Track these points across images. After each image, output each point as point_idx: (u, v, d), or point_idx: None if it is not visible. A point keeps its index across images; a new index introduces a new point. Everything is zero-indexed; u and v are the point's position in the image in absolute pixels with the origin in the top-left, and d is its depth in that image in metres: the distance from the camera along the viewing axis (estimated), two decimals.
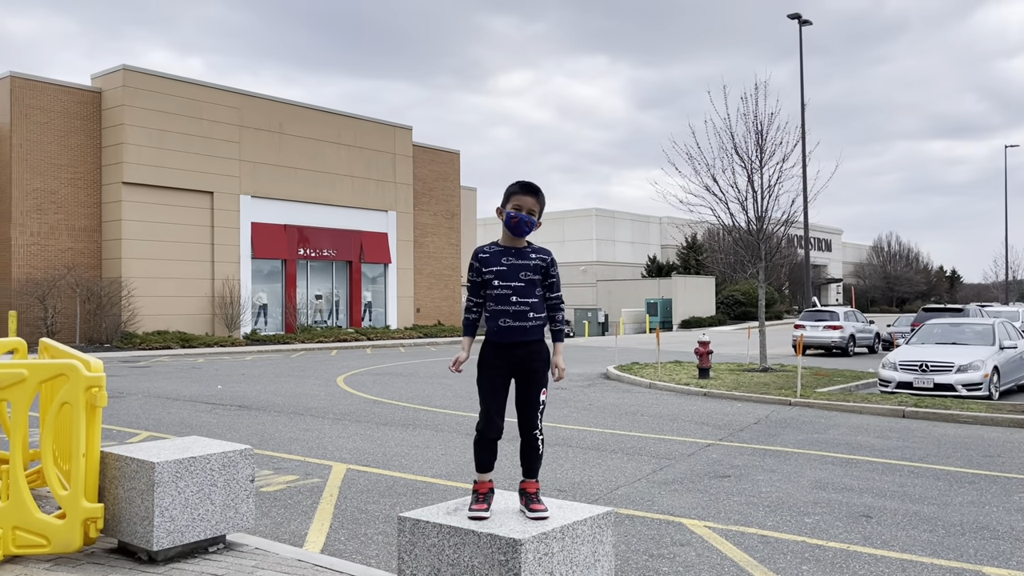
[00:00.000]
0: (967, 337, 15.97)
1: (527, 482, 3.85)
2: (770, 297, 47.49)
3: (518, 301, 3.84)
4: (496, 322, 3.86)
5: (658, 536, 6.03)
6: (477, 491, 3.82)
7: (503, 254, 3.91)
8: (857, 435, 10.72)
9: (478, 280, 3.94)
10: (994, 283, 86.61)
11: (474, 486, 3.85)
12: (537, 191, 3.92)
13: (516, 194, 3.91)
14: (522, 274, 3.87)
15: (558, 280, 4.00)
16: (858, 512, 6.74)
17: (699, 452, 9.42)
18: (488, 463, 3.87)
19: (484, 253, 3.94)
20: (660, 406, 13.56)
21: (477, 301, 3.96)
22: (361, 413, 12.37)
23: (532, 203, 3.87)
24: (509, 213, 3.88)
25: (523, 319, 3.85)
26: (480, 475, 3.86)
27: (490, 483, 3.85)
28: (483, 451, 3.88)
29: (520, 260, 3.90)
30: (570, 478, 7.98)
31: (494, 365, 3.87)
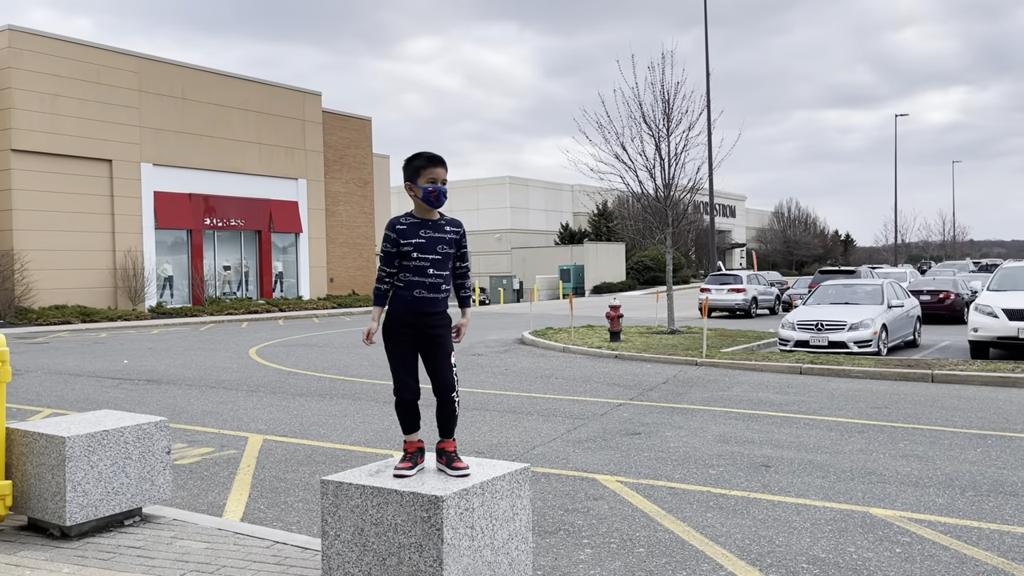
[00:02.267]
0: (859, 297, 16.90)
1: (445, 442, 3.97)
2: (677, 262, 48.82)
3: (434, 274, 3.95)
4: (410, 292, 3.94)
5: (573, 492, 6.27)
6: (406, 451, 3.95)
7: (420, 226, 3.95)
8: (758, 392, 11.28)
9: (394, 251, 3.97)
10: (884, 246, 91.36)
11: (404, 445, 3.98)
12: (443, 161, 3.98)
13: (428, 168, 3.91)
14: (439, 247, 3.96)
15: (467, 251, 4.14)
16: (758, 463, 7.16)
17: (611, 412, 9.75)
18: (412, 423, 3.99)
19: (401, 225, 3.95)
20: (574, 369, 13.90)
21: (390, 271, 3.99)
22: (276, 384, 12.25)
23: (444, 174, 3.95)
24: (427, 188, 3.90)
25: (436, 291, 3.98)
26: (408, 436, 3.98)
27: (419, 442, 3.97)
28: (404, 412, 4.00)
29: (437, 233, 3.96)
30: (488, 440, 8.16)
31: (401, 334, 3.97)
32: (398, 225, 3.96)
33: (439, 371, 3.99)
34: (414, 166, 3.94)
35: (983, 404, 10.10)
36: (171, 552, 4.58)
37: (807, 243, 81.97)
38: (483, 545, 3.66)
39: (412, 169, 3.94)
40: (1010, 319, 14.10)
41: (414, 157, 3.97)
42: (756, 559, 4.81)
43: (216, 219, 31.89)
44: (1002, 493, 6.13)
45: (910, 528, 5.34)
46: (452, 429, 4.00)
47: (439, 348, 4.00)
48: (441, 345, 4.00)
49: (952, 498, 6.03)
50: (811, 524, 5.45)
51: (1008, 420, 9.03)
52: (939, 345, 17.56)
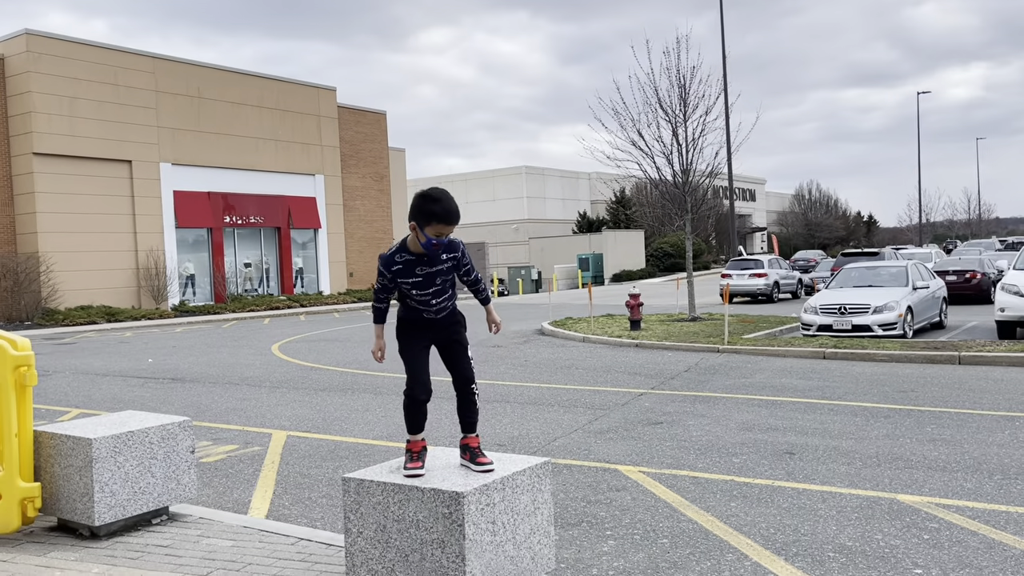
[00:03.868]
0: (882, 279, 16.70)
1: (469, 437, 3.96)
2: (697, 248, 48.55)
3: (438, 301, 3.97)
4: (419, 314, 3.98)
5: (595, 483, 6.26)
6: (411, 450, 3.90)
7: (415, 264, 3.84)
8: (781, 378, 11.20)
9: (391, 286, 3.94)
10: (908, 226, 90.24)
11: (408, 446, 3.94)
12: (458, 217, 3.76)
13: (440, 223, 3.70)
14: (438, 279, 3.90)
15: (471, 263, 4.03)
16: (782, 450, 7.11)
17: (632, 401, 9.72)
18: (420, 424, 3.96)
19: (397, 265, 3.84)
20: (594, 359, 13.87)
21: (388, 296, 4.01)
22: (298, 380, 12.33)
23: (452, 230, 3.78)
24: (431, 240, 3.72)
25: (443, 310, 4.02)
26: (414, 436, 3.95)
27: (423, 442, 3.95)
28: (414, 413, 3.95)
29: (434, 267, 3.86)
30: (508, 432, 8.17)
31: (414, 334, 3.97)
32: (393, 266, 3.85)
33: (459, 364, 3.99)
34: (426, 212, 3.68)
35: (1011, 385, 9.96)
36: (198, 550, 4.63)
37: (829, 225, 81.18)
38: (505, 540, 3.66)
39: (423, 214, 3.68)
40: None
41: (431, 202, 3.68)
42: (781, 548, 4.78)
43: (235, 217, 32.11)
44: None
45: (938, 514, 5.28)
46: (475, 423, 4.00)
47: (456, 343, 4.01)
48: (458, 340, 4.01)
49: (980, 482, 5.95)
50: (837, 512, 5.41)
51: None
52: (966, 326, 17.34)
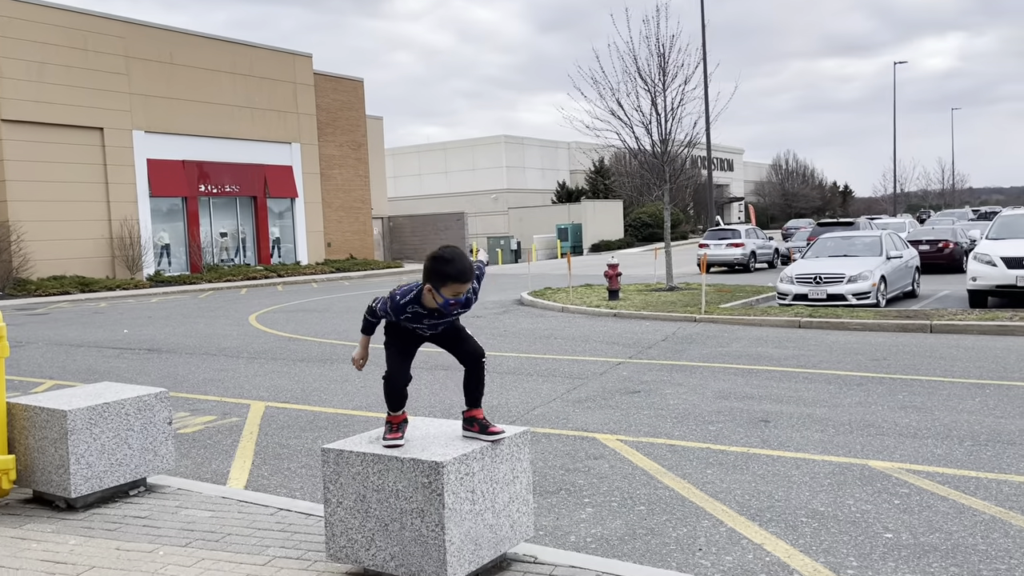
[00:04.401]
0: (857, 249, 16.87)
1: (476, 410, 3.88)
2: (675, 218, 48.69)
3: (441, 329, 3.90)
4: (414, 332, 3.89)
5: (573, 451, 6.32)
6: (391, 422, 3.89)
7: (425, 316, 3.75)
8: (757, 347, 11.32)
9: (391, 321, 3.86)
10: (883, 196, 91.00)
11: (388, 418, 3.92)
12: (472, 273, 3.66)
13: (454, 282, 3.59)
14: (441, 322, 3.84)
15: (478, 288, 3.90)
16: (757, 418, 7.21)
17: (610, 370, 9.79)
18: (401, 403, 3.91)
19: (405, 314, 3.75)
20: (573, 328, 13.93)
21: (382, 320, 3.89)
22: (277, 351, 12.28)
23: (468, 287, 3.66)
24: (448, 300, 3.63)
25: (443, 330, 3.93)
26: (393, 412, 3.92)
27: (404, 414, 3.93)
28: (396, 394, 3.90)
29: (444, 319, 3.81)
30: (488, 402, 8.19)
31: (406, 337, 3.88)
32: (402, 314, 3.75)
33: (463, 344, 3.91)
34: (443, 274, 3.58)
35: (981, 353, 10.14)
36: (176, 521, 4.62)
37: (805, 195, 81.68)
38: (484, 508, 3.69)
39: (439, 276, 3.59)
40: (1008, 267, 14.10)
41: (444, 263, 3.59)
42: (756, 514, 4.86)
43: (211, 185, 31.71)
44: (1000, 442, 6.17)
45: (908, 479, 5.39)
46: (481, 397, 3.93)
47: (452, 328, 3.91)
48: (453, 325, 3.91)
49: (950, 448, 6.08)
50: (810, 478, 5.50)
51: (1006, 369, 9.07)
52: (938, 295, 17.59)
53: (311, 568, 3.93)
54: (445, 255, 3.61)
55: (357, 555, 3.73)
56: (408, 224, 46.69)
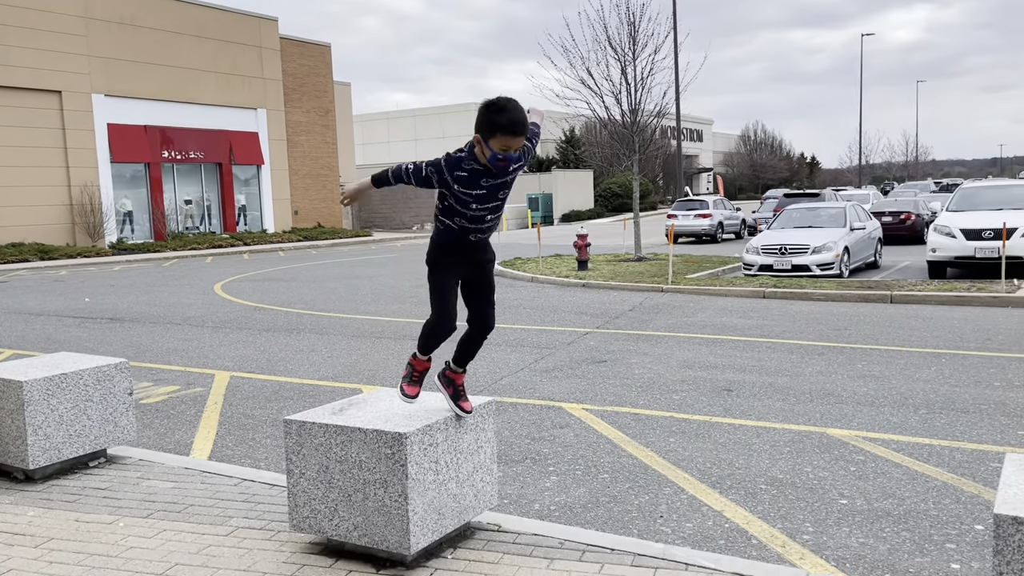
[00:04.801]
0: (822, 220, 17.06)
1: (459, 373, 3.78)
2: (645, 188, 48.81)
3: (491, 219, 3.62)
4: (464, 234, 3.59)
5: (539, 420, 6.37)
6: (414, 366, 3.73)
7: (482, 175, 3.44)
8: (722, 317, 11.44)
9: (438, 187, 3.51)
10: (849, 168, 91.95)
11: (411, 360, 3.74)
12: (525, 127, 3.38)
13: (507, 135, 3.32)
14: (500, 193, 3.55)
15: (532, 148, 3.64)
16: (720, 387, 7.31)
17: (578, 340, 9.85)
18: (432, 348, 3.73)
19: (461, 172, 3.43)
20: (541, 298, 13.97)
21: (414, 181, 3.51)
22: (242, 320, 12.17)
23: (521, 142, 3.39)
24: (496, 154, 3.35)
25: (489, 231, 3.67)
26: (421, 355, 3.75)
27: (429, 363, 3.75)
28: (432, 340, 3.71)
29: (499, 179, 3.49)
30: None
31: (451, 264, 3.64)
32: (457, 171, 3.42)
33: (485, 301, 3.74)
34: (492, 123, 3.32)
35: (939, 324, 10.35)
36: (137, 492, 4.59)
37: (773, 166, 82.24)
38: (448, 478, 3.71)
39: (489, 125, 3.33)
40: (967, 239, 14.35)
41: (496, 111, 3.33)
42: (716, 482, 4.95)
43: (174, 151, 31.10)
44: (954, 410, 6.33)
45: (864, 447, 5.51)
46: (469, 361, 3.83)
47: (487, 282, 3.74)
48: (488, 279, 3.74)
49: (906, 416, 6.22)
50: (770, 446, 5.60)
51: (962, 339, 9.28)
52: (899, 266, 17.88)
53: (274, 538, 3.94)
54: (498, 103, 3.34)
55: (320, 525, 3.74)
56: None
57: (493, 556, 3.71)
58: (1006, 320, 10.43)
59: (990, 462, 5.13)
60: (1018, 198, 15.56)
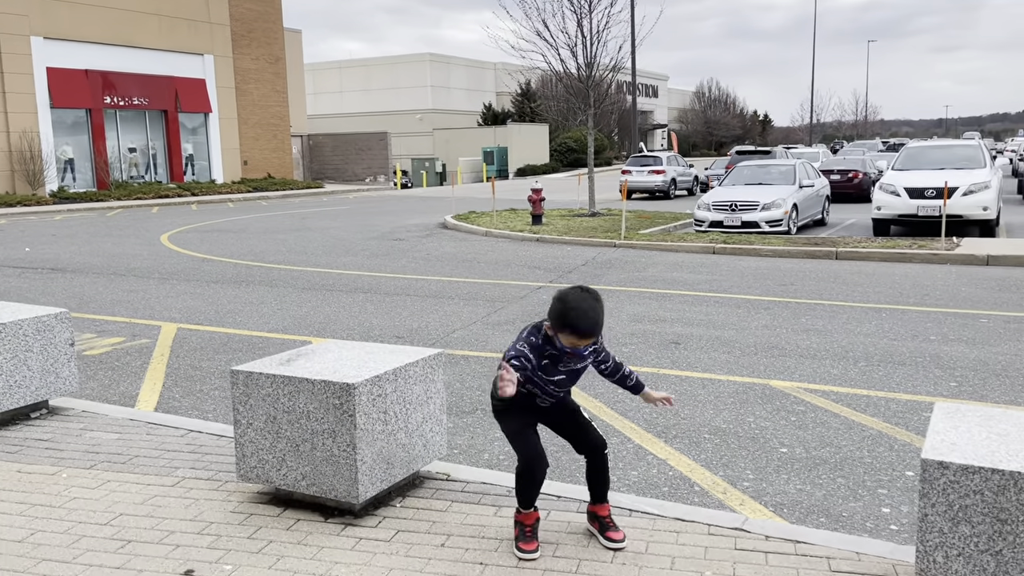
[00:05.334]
0: (772, 177, 17.28)
1: (602, 506, 3.49)
2: (600, 144, 48.79)
3: (562, 395, 3.47)
4: (532, 400, 3.40)
5: (491, 373, 6.41)
6: (523, 523, 3.39)
7: (559, 359, 3.28)
8: (672, 272, 11.59)
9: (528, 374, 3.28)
10: (800, 126, 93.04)
11: (518, 518, 3.40)
12: (599, 330, 3.20)
13: (573, 337, 3.16)
14: (578, 376, 3.43)
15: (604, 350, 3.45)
16: (669, 340, 7.43)
17: (531, 294, 9.89)
18: (534, 496, 3.41)
19: (544, 359, 3.25)
20: (495, 253, 13.97)
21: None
22: (190, 271, 11.95)
23: (588, 343, 3.22)
24: (564, 348, 3.22)
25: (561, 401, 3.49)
26: (524, 509, 3.41)
27: (536, 513, 3.43)
28: (534, 486, 3.39)
29: (580, 364, 3.35)
30: (408, 325, 8.21)
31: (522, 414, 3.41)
32: (541, 359, 3.25)
33: (583, 431, 3.46)
34: (563, 322, 3.15)
35: (881, 280, 10.63)
36: (81, 443, 4.53)
37: (727, 123, 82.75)
38: (397, 429, 3.73)
39: (560, 323, 3.16)
40: (911, 197, 14.69)
41: (567, 310, 3.13)
42: (662, 431, 5.06)
43: (117, 97, 30.07)
44: (891, 363, 6.54)
45: (805, 398, 5.67)
46: (607, 491, 3.50)
47: (572, 410, 3.51)
48: (572, 407, 3.52)
49: (846, 369, 6.41)
50: (715, 397, 5.74)
51: (902, 294, 9.55)
52: (846, 223, 18.24)
53: (222, 488, 3.93)
54: (570, 299, 3.14)
55: (268, 475, 3.74)
56: (329, 143, 45.46)
57: (442, 504, 3.76)
58: (944, 277, 10.75)
59: (923, 412, 5.33)
60: (960, 158, 15.94)
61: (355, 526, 3.55)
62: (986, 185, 14.42)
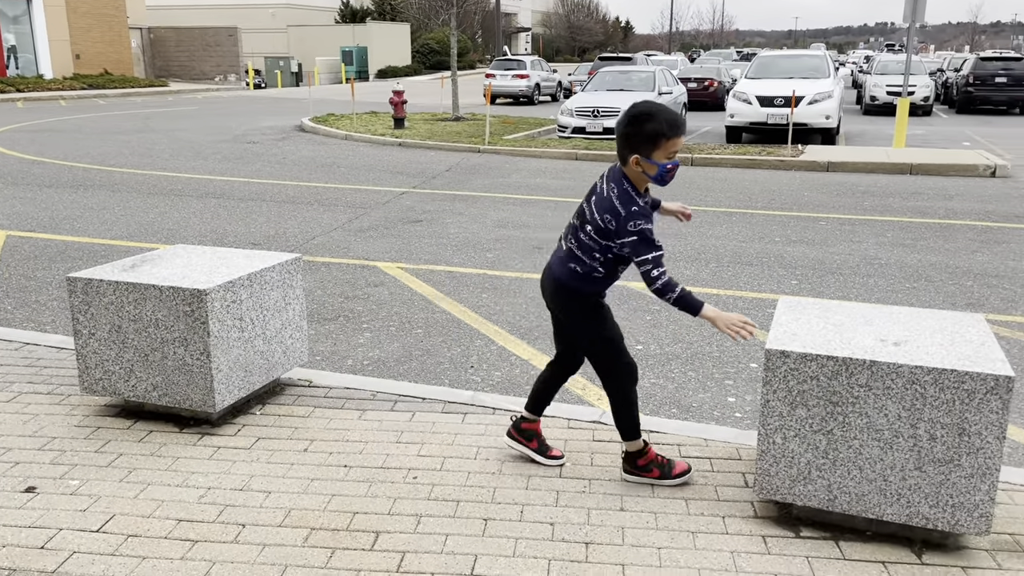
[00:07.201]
0: (633, 84, 17.50)
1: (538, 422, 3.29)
2: (463, 46, 47.71)
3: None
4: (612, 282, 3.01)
5: (353, 279, 6.29)
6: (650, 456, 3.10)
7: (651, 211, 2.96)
8: (536, 177, 11.65)
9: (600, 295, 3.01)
10: (660, 34, 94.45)
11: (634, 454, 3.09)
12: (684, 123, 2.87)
13: (672, 137, 2.78)
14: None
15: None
16: (532, 245, 7.52)
17: (394, 200, 9.70)
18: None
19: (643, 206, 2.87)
20: (356, 157, 13.55)
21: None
22: (19, 174, 10.93)
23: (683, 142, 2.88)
24: (664, 165, 2.81)
25: None
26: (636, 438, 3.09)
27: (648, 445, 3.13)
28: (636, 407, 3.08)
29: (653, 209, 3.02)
30: (264, 231, 7.89)
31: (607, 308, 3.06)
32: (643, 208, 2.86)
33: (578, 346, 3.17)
34: (649, 132, 2.76)
35: (732, 185, 11.10)
36: None
37: (589, 29, 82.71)
38: (254, 336, 3.60)
39: (646, 136, 2.77)
40: (761, 105, 15.29)
41: (646, 119, 2.77)
42: (524, 333, 5.15)
43: None
44: (740, 263, 6.90)
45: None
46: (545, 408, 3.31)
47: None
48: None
49: (698, 270, 6.71)
50: None
51: (751, 199, 10.03)
52: (701, 130, 18.83)
53: (65, 402, 3.70)
54: (642, 111, 2.79)
55: (115, 387, 3.54)
56: (172, 38, 42.12)
57: (303, 410, 3.70)
58: (789, 182, 11.36)
59: (767, 308, 5.68)
60: (808, 68, 16.66)
61: (213, 435, 3.44)
62: (829, 95, 15.18)
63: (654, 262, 2.78)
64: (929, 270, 6.69)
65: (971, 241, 7.70)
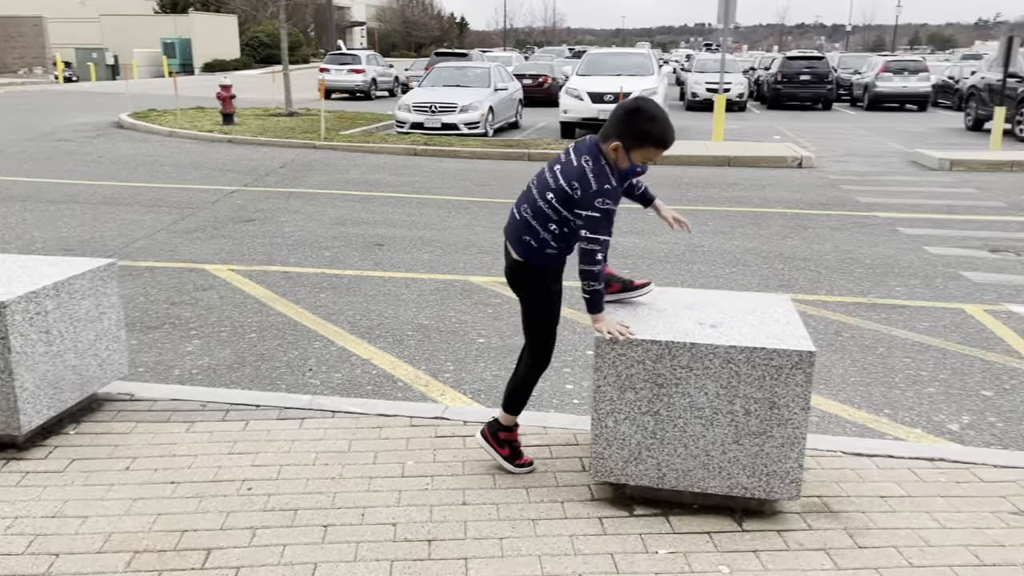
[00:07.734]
0: (469, 80, 17.60)
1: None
2: (295, 40, 46.33)
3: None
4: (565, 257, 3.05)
5: (180, 284, 5.96)
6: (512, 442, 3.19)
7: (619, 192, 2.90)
8: (375, 173, 11.50)
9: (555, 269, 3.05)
10: (496, 30, 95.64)
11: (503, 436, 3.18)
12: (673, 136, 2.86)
13: (655, 147, 2.80)
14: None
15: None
16: (372, 242, 7.41)
17: (223, 199, 9.28)
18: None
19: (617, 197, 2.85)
20: (182, 155, 12.85)
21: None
22: None
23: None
24: (635, 167, 2.90)
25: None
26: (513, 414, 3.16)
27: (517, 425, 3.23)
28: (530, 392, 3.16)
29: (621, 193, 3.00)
30: (78, 236, 7.33)
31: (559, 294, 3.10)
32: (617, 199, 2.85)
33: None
34: (642, 131, 2.78)
35: None
36: None
37: (425, 24, 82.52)
38: (64, 349, 3.33)
39: (638, 133, 2.78)
40: (593, 102, 15.81)
41: (648, 119, 2.78)
42: (366, 332, 5.07)
43: None
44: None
45: (500, 291, 5.99)
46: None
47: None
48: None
49: None
50: (418, 295, 5.85)
51: None
52: (537, 126, 19.23)
53: None
54: (647, 110, 2.79)
55: None
56: None
57: (124, 426, 3.46)
58: None
59: None
60: (634, 65, 17.39)
61: (19, 460, 3.16)
62: (654, 91, 15.91)
63: (603, 245, 2.82)
64: (746, 255, 7.16)
65: (782, 228, 8.32)
